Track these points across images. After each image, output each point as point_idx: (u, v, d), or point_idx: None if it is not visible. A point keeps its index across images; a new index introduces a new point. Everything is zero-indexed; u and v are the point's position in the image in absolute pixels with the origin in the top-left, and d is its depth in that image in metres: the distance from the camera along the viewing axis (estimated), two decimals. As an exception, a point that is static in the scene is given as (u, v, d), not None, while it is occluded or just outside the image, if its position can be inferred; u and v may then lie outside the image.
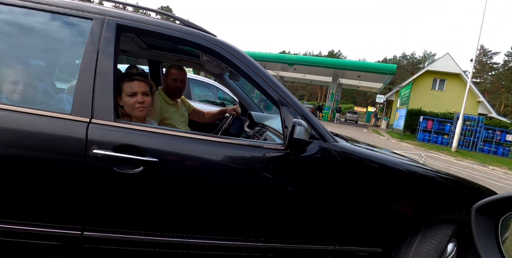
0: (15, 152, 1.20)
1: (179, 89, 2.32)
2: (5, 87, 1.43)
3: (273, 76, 1.51)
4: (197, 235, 1.33)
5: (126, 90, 1.49)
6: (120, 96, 1.50)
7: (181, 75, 2.31)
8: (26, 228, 1.19)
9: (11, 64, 1.53)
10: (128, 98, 1.49)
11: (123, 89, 1.50)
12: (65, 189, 1.22)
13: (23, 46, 2.24)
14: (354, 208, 1.46)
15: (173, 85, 2.29)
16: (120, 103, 1.51)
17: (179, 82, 2.30)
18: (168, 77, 2.30)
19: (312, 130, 1.45)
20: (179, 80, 2.30)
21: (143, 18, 1.41)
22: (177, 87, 2.30)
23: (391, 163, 1.55)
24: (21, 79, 1.46)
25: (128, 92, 1.49)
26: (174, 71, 2.30)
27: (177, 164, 1.30)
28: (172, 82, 2.29)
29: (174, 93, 2.32)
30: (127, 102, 1.50)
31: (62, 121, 1.21)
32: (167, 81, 2.31)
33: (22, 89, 1.44)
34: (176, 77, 2.29)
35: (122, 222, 1.27)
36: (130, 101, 1.49)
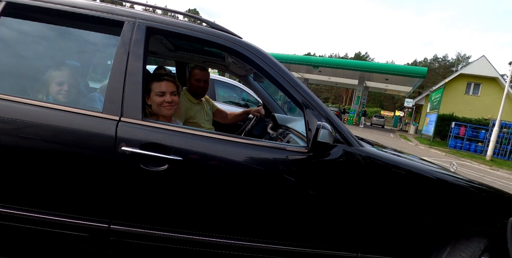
0: (51, 147, 1.27)
1: (202, 89, 2.38)
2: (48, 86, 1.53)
3: (297, 78, 1.50)
4: (217, 234, 1.34)
5: (155, 90, 1.55)
6: (148, 96, 1.56)
7: (204, 75, 2.36)
8: (58, 219, 1.26)
9: (54, 65, 1.63)
10: (157, 98, 1.55)
11: (152, 89, 1.55)
12: (95, 183, 1.27)
13: (62, 48, 2.37)
14: (379, 215, 1.41)
15: (196, 85, 2.35)
16: (148, 102, 1.56)
17: (202, 82, 2.36)
18: (191, 78, 2.36)
19: (337, 134, 1.42)
20: (202, 80, 2.36)
21: (172, 20, 1.45)
22: (200, 87, 2.36)
23: (419, 170, 1.49)
24: (63, 79, 1.56)
25: (157, 91, 1.55)
26: (197, 72, 2.35)
27: (200, 163, 1.32)
28: (196, 82, 2.35)
29: (197, 93, 2.38)
30: (155, 101, 1.55)
31: (94, 118, 1.27)
32: (191, 81, 2.37)
33: (62, 88, 1.54)
34: (199, 77, 2.35)
35: (147, 218, 1.31)
36: (159, 100, 1.55)
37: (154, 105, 1.56)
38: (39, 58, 1.86)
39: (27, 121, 1.25)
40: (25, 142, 1.25)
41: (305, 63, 21.47)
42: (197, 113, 2.33)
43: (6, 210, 1.24)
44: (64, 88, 1.54)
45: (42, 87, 1.55)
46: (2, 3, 1.35)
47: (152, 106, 1.57)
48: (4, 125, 1.24)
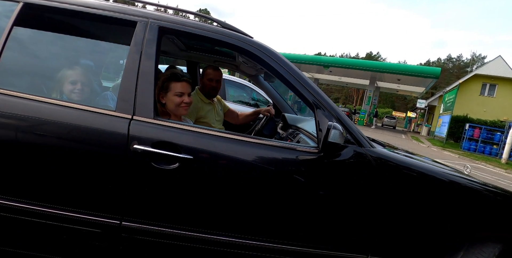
0: (65, 144, 1.29)
1: (214, 89, 2.39)
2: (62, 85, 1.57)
3: (308, 78, 1.49)
4: (226, 233, 1.35)
5: (174, 90, 1.57)
6: (164, 94, 1.58)
7: (216, 75, 2.37)
8: (72, 215, 1.28)
9: (69, 65, 1.66)
10: (175, 98, 1.57)
11: (170, 89, 1.58)
12: (107, 180, 1.29)
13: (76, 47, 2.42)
14: (389, 217, 1.39)
15: (208, 84, 2.36)
16: (163, 100, 1.58)
17: (214, 82, 2.37)
18: (204, 77, 2.37)
19: (348, 134, 1.41)
20: (215, 80, 2.37)
21: (184, 20, 1.46)
22: (212, 86, 2.37)
23: (431, 172, 1.46)
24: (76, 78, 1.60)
25: (176, 92, 1.57)
26: (210, 71, 2.36)
27: (210, 162, 1.33)
28: (208, 82, 2.36)
29: (209, 93, 2.39)
30: (173, 101, 1.57)
31: (107, 117, 1.30)
32: (203, 81, 2.38)
33: (75, 87, 1.57)
34: (212, 77, 2.35)
35: (157, 215, 1.32)
36: (177, 100, 1.57)
37: (172, 105, 1.58)
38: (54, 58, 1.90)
39: (43, 119, 1.28)
40: (41, 139, 1.29)
41: (315, 63, 21.34)
42: (208, 112, 2.35)
43: (23, 205, 1.27)
44: (78, 87, 1.57)
45: (56, 85, 1.59)
46: (19, 4, 1.38)
47: (167, 105, 1.59)
48: (21, 122, 1.28)
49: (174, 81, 1.58)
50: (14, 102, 1.28)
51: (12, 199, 1.27)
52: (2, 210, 1.27)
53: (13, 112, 1.27)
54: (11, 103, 1.28)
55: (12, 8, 1.38)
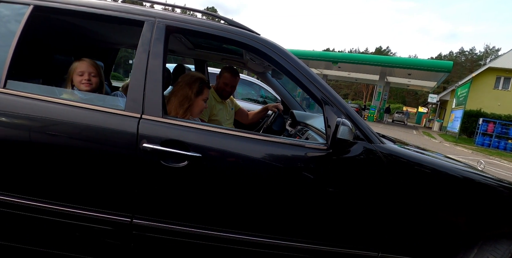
0: (76, 143, 1.32)
1: (227, 93, 2.41)
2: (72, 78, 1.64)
3: (316, 75, 1.48)
4: (235, 230, 1.35)
5: (205, 96, 1.70)
6: (195, 97, 1.65)
7: (233, 81, 2.38)
8: (84, 212, 1.31)
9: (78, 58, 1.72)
10: (202, 103, 1.71)
11: (203, 93, 1.69)
12: (118, 178, 1.31)
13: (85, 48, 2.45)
14: (400, 214, 1.37)
15: (223, 87, 2.38)
16: (189, 102, 1.65)
17: (229, 87, 2.38)
18: (220, 79, 2.38)
19: (357, 130, 1.39)
20: (230, 86, 2.37)
21: (190, 19, 1.46)
22: (225, 90, 2.39)
23: (443, 168, 1.44)
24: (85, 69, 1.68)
25: (205, 97, 1.71)
26: (227, 76, 2.37)
27: (219, 160, 1.33)
28: (223, 85, 2.37)
29: (222, 95, 2.40)
30: (200, 106, 1.70)
31: (117, 116, 1.31)
32: (219, 82, 2.38)
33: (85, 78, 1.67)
34: (228, 82, 2.36)
35: (167, 213, 1.34)
36: (203, 105, 1.72)
37: (198, 108, 1.69)
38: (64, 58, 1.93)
39: (55, 119, 1.31)
40: (54, 139, 1.31)
41: (324, 59, 21.16)
42: (220, 111, 2.35)
43: (38, 204, 1.30)
44: (85, 77, 1.65)
45: (66, 79, 1.65)
46: (30, 7, 1.40)
47: (192, 109, 1.66)
48: (35, 123, 1.31)
49: (207, 88, 1.71)
50: (27, 103, 1.31)
51: (27, 198, 1.31)
52: (19, 209, 1.31)
53: (26, 113, 1.30)
54: (24, 104, 1.31)
55: (22, 11, 1.41)
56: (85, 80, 1.64)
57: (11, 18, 1.43)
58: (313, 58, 21.06)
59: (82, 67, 1.66)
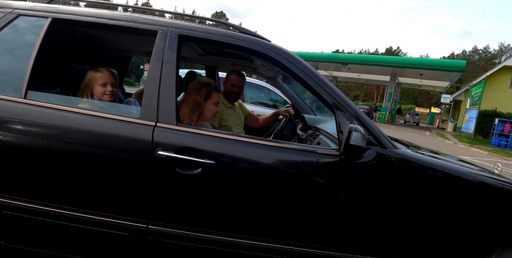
0: (93, 151, 1.35)
1: (236, 94, 2.43)
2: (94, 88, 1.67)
3: (328, 80, 1.48)
4: (249, 236, 1.36)
5: (214, 99, 1.70)
6: (204, 102, 1.66)
7: (240, 81, 2.41)
8: (102, 219, 1.34)
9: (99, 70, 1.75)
10: (213, 107, 1.71)
11: (211, 97, 1.69)
12: (134, 185, 1.34)
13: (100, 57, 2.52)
14: (414, 220, 1.36)
15: (231, 89, 2.40)
16: (200, 108, 1.65)
17: (237, 88, 2.40)
18: (227, 82, 2.41)
19: (369, 136, 1.39)
20: (237, 86, 2.40)
21: (202, 27, 1.49)
22: (234, 92, 2.41)
23: (458, 172, 1.42)
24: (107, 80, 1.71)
25: (215, 101, 1.71)
26: (233, 77, 2.40)
27: (232, 166, 1.35)
28: (231, 87, 2.40)
29: (231, 97, 2.43)
30: (211, 110, 1.70)
31: (132, 124, 1.35)
32: (226, 85, 2.42)
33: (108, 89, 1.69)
34: (235, 82, 2.39)
35: (182, 219, 1.36)
36: (214, 109, 1.72)
37: (208, 113, 1.69)
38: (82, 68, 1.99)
39: (74, 128, 1.35)
40: (72, 147, 1.35)
41: (333, 61, 21.03)
42: (229, 116, 2.37)
43: (57, 210, 1.35)
44: (108, 88, 1.67)
45: (85, 89, 1.68)
46: (48, 19, 1.46)
47: (204, 114, 1.67)
48: (54, 131, 1.35)
49: (216, 91, 1.70)
50: (47, 112, 1.36)
51: (48, 204, 1.35)
52: (39, 215, 1.35)
53: (46, 122, 1.35)
54: (44, 113, 1.35)
55: (41, 23, 1.46)
56: (109, 91, 1.67)
57: (29, 31, 1.49)
58: (323, 60, 20.96)
59: (104, 78, 1.68)
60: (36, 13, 1.48)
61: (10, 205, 1.35)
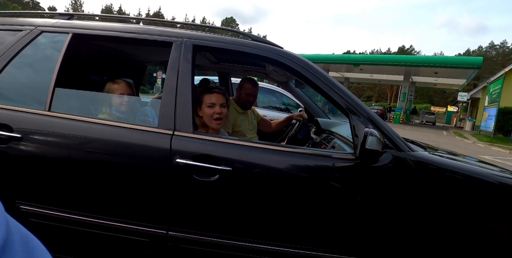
0: (116, 160, 1.41)
1: (250, 103, 2.43)
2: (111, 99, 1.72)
3: (340, 84, 1.49)
4: (266, 241, 1.37)
5: (206, 102, 1.64)
6: (200, 107, 1.65)
7: (254, 91, 2.41)
8: (123, 225, 1.39)
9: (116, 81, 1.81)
10: (208, 109, 1.63)
11: (203, 101, 1.64)
12: (153, 193, 1.38)
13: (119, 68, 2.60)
14: (434, 225, 1.33)
15: (245, 98, 2.40)
16: (200, 113, 1.66)
17: (251, 97, 2.41)
18: (242, 90, 2.41)
19: (385, 139, 1.38)
20: (252, 95, 2.40)
21: (215, 37, 1.53)
22: (248, 101, 2.41)
23: (478, 174, 1.39)
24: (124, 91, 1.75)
25: (208, 103, 1.63)
26: (248, 86, 2.39)
27: (249, 172, 1.37)
28: (245, 96, 2.40)
29: (245, 105, 2.43)
30: (206, 113, 1.64)
31: (151, 133, 1.39)
32: (240, 94, 2.42)
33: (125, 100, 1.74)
34: (250, 92, 2.39)
35: (201, 225, 1.38)
36: (209, 111, 1.63)
37: (206, 117, 1.65)
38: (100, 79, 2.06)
39: (95, 138, 1.40)
40: (93, 156, 1.41)
41: (345, 62, 20.86)
42: (242, 122, 2.39)
43: (80, 217, 1.40)
44: (125, 99, 1.72)
45: (105, 100, 1.74)
46: (69, 35, 1.53)
47: (203, 118, 1.66)
48: (77, 141, 1.41)
49: (206, 93, 1.65)
50: (70, 124, 1.42)
51: (71, 211, 1.40)
52: (63, 222, 1.41)
53: (70, 133, 1.40)
54: (67, 125, 1.42)
55: (62, 39, 1.54)
56: (125, 102, 1.72)
57: (51, 46, 1.56)
58: (334, 62, 20.82)
59: (121, 89, 1.74)
60: (58, 29, 1.56)
61: (37, 213, 1.41)
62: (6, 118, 1.41)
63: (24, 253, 0.25)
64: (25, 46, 1.52)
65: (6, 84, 1.50)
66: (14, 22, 1.62)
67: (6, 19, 1.66)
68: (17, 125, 1.40)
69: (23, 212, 1.41)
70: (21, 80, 1.54)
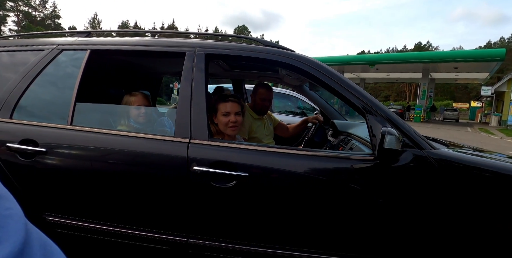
0: (133, 169, 1.44)
1: (265, 108, 2.42)
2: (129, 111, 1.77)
3: (355, 84, 1.47)
4: (286, 246, 1.35)
5: (221, 110, 1.66)
6: (215, 115, 1.67)
7: (269, 95, 2.40)
8: (144, 234, 1.41)
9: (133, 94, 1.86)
10: (223, 118, 1.65)
11: (218, 109, 1.67)
12: (173, 200, 1.40)
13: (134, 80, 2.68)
14: (461, 225, 1.28)
15: (260, 104, 2.39)
16: (215, 121, 1.68)
17: (267, 102, 2.39)
18: (256, 96, 2.40)
19: (404, 138, 1.35)
20: (267, 100, 2.39)
21: (227, 45, 1.56)
22: (264, 106, 2.40)
23: (508, 171, 1.32)
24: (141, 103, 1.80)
25: (223, 112, 1.65)
26: (262, 91, 2.39)
27: (266, 177, 1.37)
28: (260, 102, 2.39)
29: (261, 111, 2.42)
30: (221, 121, 1.65)
31: (169, 142, 1.42)
32: (255, 99, 2.41)
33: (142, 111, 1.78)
34: (265, 96, 2.38)
35: (221, 232, 1.38)
36: (224, 120, 1.64)
37: (221, 125, 1.66)
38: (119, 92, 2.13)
39: (114, 149, 1.45)
40: (113, 166, 1.45)
41: (360, 62, 20.58)
42: (258, 128, 2.38)
43: (103, 227, 1.43)
44: (142, 111, 1.76)
45: (122, 113, 1.79)
46: (87, 51, 1.59)
47: (219, 125, 1.68)
48: (97, 153, 1.45)
49: (221, 102, 1.67)
50: (91, 136, 1.47)
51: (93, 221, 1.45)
52: (86, 232, 1.45)
53: (91, 144, 1.45)
54: (88, 137, 1.47)
55: (81, 56, 1.60)
56: (143, 113, 1.77)
57: (71, 63, 1.63)
58: (348, 63, 20.59)
59: (138, 101, 1.79)
60: (77, 47, 1.63)
61: (62, 224, 1.46)
62: (32, 133, 1.48)
63: (42, 257, 0.26)
64: (47, 65, 1.60)
65: (31, 101, 1.58)
66: (36, 42, 1.71)
67: (30, 40, 1.76)
68: (41, 139, 1.47)
69: (49, 223, 1.47)
70: (44, 97, 1.62)
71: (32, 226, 0.28)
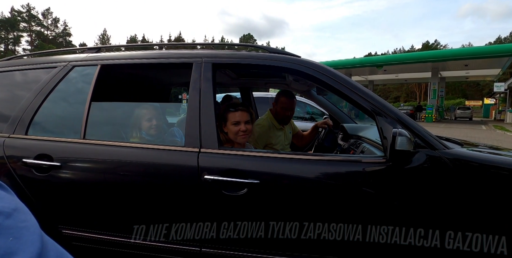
0: (148, 180, 1.45)
1: (287, 118, 2.33)
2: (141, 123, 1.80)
3: (363, 86, 1.46)
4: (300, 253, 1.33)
5: (231, 119, 1.66)
6: (225, 124, 1.68)
7: (291, 104, 2.30)
8: (157, 244, 1.41)
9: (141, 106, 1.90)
10: (233, 127, 1.66)
11: (228, 118, 1.67)
12: (185, 210, 1.40)
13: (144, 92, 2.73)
14: (481, 227, 1.23)
15: (282, 113, 2.30)
16: (225, 130, 1.69)
17: (289, 111, 2.30)
18: (278, 105, 2.30)
19: (416, 138, 1.32)
20: (289, 109, 2.30)
21: (233, 53, 1.58)
22: (286, 115, 2.31)
23: (528, 168, 1.28)
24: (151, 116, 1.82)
25: (232, 121, 1.66)
26: (284, 100, 2.28)
27: (277, 184, 1.36)
28: (282, 111, 2.29)
29: (283, 120, 2.34)
30: (231, 130, 1.66)
31: (179, 152, 1.43)
32: (277, 108, 2.32)
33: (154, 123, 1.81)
34: (286, 106, 2.28)
35: (234, 240, 1.37)
36: (235, 129, 1.65)
37: (231, 134, 1.68)
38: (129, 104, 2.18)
39: (127, 160, 1.47)
40: (126, 178, 1.47)
41: (367, 65, 20.46)
42: (279, 138, 2.30)
43: (117, 238, 1.45)
44: (154, 123, 1.79)
45: (134, 125, 1.82)
46: (98, 66, 1.64)
47: (228, 134, 1.69)
48: (110, 165, 1.48)
49: (230, 111, 1.68)
50: (103, 149, 1.50)
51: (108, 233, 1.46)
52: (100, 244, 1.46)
53: (104, 157, 1.48)
54: (101, 150, 1.49)
55: (92, 71, 1.65)
56: (154, 125, 1.80)
57: (83, 79, 1.68)
58: (356, 66, 20.49)
59: (149, 114, 1.82)
60: (87, 62, 1.68)
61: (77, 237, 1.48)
62: (46, 148, 1.52)
63: None
64: (59, 81, 1.65)
65: (45, 118, 1.62)
66: (48, 60, 1.77)
67: (42, 59, 1.82)
68: (56, 154, 1.50)
69: (65, 236, 1.49)
70: (57, 113, 1.66)
71: (48, 238, 0.28)
